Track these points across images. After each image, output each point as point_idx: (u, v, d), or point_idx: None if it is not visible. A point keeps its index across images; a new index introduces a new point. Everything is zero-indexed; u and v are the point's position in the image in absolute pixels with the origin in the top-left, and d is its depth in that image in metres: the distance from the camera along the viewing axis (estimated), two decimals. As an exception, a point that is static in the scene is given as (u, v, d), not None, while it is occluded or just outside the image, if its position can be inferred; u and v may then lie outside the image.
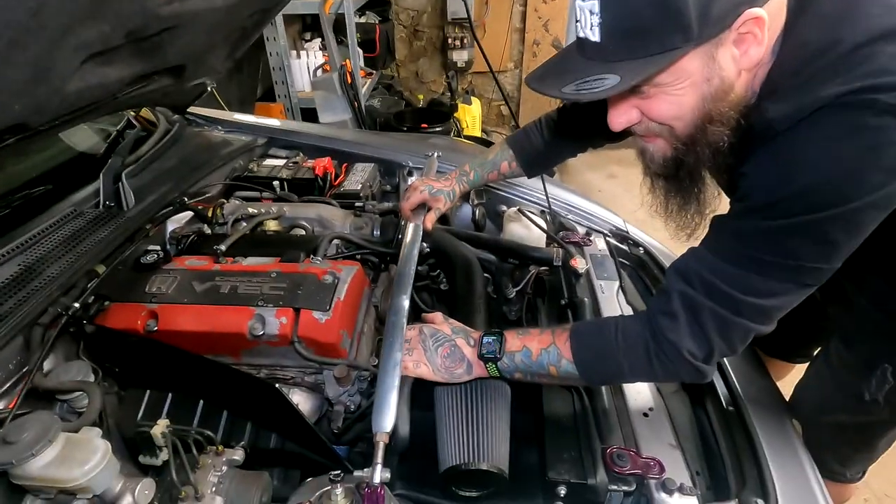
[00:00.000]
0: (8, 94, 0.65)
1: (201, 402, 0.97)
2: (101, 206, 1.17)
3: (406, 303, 0.88)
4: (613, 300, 1.22)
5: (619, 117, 0.73)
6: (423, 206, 1.18)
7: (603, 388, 0.98)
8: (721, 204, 0.83)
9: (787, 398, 1.10)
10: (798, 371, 1.26)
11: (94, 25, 0.67)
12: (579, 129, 1.15)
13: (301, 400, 1.00)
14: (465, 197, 1.52)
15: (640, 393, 0.98)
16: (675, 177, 0.79)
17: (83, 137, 1.48)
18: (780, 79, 0.66)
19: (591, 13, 0.62)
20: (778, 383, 1.09)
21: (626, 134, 0.95)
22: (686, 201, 0.82)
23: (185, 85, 1.36)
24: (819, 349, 1.15)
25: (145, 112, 1.67)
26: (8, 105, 0.69)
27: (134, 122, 1.59)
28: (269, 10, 1.30)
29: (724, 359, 1.03)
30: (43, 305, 0.89)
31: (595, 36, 0.63)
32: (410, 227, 1.11)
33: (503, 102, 4.69)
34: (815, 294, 0.71)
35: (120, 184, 1.21)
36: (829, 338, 1.05)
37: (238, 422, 0.96)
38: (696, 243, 0.78)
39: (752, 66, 0.66)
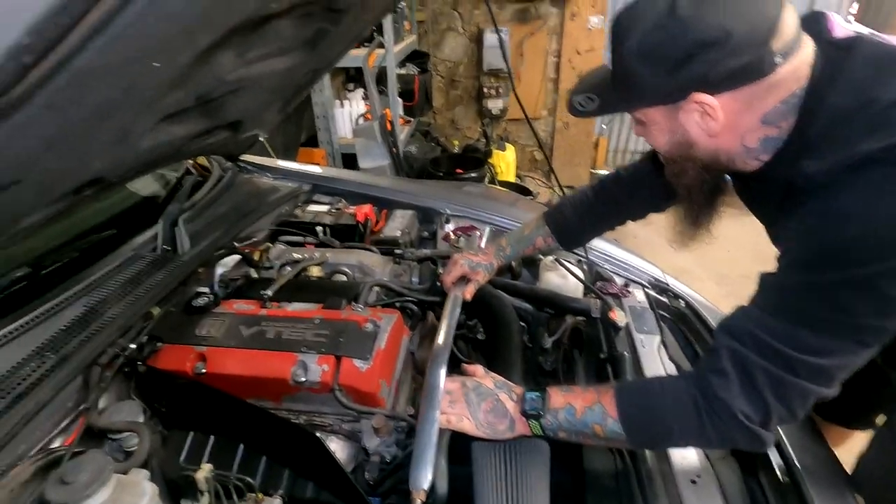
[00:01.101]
0: (91, 155, 0.71)
1: (241, 446, 0.99)
2: (158, 250, 1.24)
3: (443, 371, 0.89)
4: (655, 355, 1.19)
5: (635, 129, 0.86)
6: (464, 279, 1.22)
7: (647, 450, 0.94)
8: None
9: (848, 469, 1.02)
10: (858, 438, 1.18)
11: (173, 94, 0.74)
12: (616, 206, 1.19)
13: (337, 448, 1.00)
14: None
15: (685, 458, 0.94)
16: (680, 193, 0.90)
17: (145, 183, 1.59)
18: (815, 139, 0.68)
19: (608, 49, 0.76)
20: (836, 451, 1.03)
21: (663, 205, 1.06)
22: (691, 216, 0.91)
23: (240, 136, 1.45)
24: (882, 417, 1.08)
25: (200, 159, 1.78)
26: (90, 163, 0.76)
27: (191, 169, 1.70)
28: (321, 69, 1.39)
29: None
30: (103, 346, 0.94)
31: (610, 65, 0.77)
32: (451, 298, 1.14)
33: (536, 148, 4.77)
34: (875, 357, 0.68)
35: (176, 229, 1.29)
36: (894, 406, 0.99)
37: (276, 468, 0.96)
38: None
39: (715, 134, 0.73)
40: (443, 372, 0.89)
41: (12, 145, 0.47)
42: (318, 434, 0.93)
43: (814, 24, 0.72)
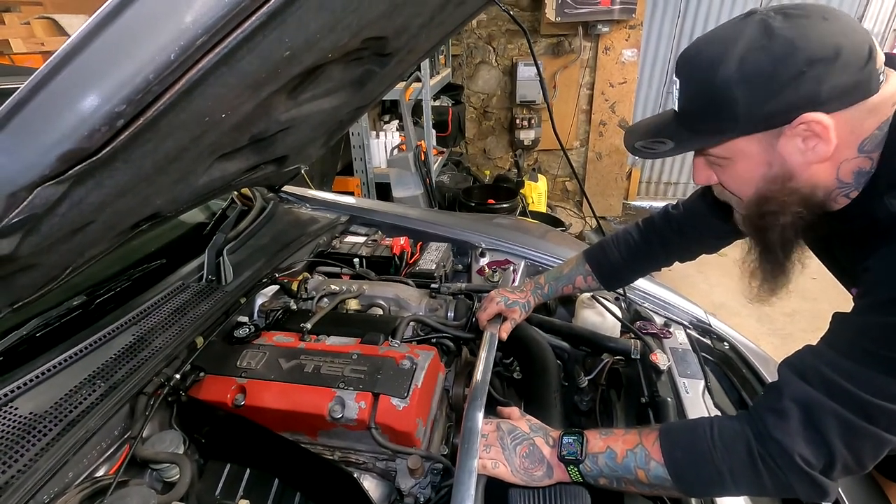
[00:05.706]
0: (156, 194, 0.75)
1: (276, 480, 0.99)
2: (203, 280, 1.28)
3: (481, 414, 0.87)
4: (699, 401, 1.14)
5: (699, 175, 0.81)
6: (499, 316, 1.20)
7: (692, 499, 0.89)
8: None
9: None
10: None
11: (232, 136, 0.77)
12: (665, 246, 1.14)
13: (371, 487, 0.99)
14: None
15: (736, 513, 0.89)
16: (764, 243, 0.81)
17: (191, 214, 1.65)
18: None
19: (675, 87, 0.73)
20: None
21: (717, 245, 1.01)
22: (778, 266, 0.82)
23: (283, 169, 1.50)
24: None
25: (244, 189, 1.84)
26: (152, 201, 0.79)
27: (235, 199, 1.76)
28: (364, 106, 1.44)
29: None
30: (150, 375, 0.96)
31: (676, 106, 0.74)
32: (487, 336, 1.13)
33: (567, 178, 4.76)
34: None
35: (221, 259, 1.33)
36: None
37: (310, 505, 0.96)
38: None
39: (821, 160, 0.68)
40: (480, 416, 0.88)
41: (91, 196, 0.50)
42: (353, 471, 0.92)
43: (889, 60, 0.69)
